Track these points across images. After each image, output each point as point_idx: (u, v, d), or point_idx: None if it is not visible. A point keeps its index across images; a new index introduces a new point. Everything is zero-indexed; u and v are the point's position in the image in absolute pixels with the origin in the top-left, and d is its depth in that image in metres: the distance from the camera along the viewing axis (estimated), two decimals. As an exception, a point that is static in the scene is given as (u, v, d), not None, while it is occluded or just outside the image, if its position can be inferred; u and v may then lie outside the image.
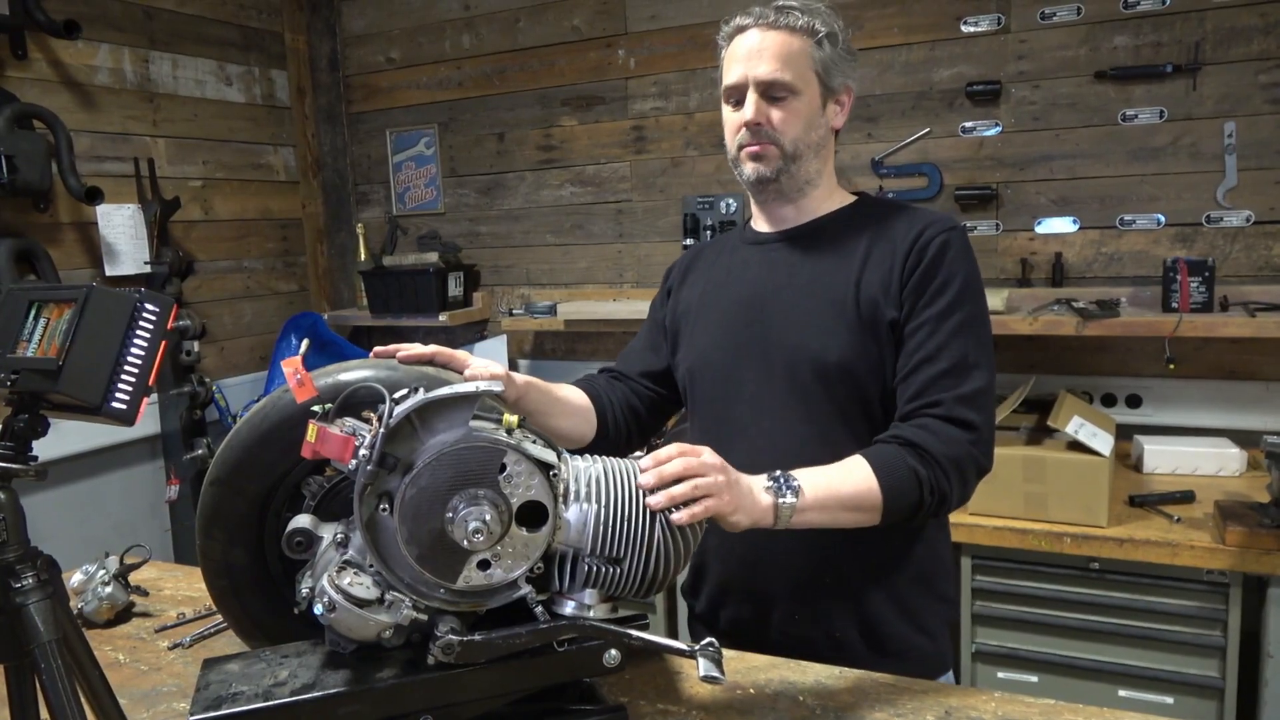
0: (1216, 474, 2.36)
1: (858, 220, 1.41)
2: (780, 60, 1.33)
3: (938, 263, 1.30)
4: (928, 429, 1.24)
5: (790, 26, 1.33)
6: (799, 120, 1.35)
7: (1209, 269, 2.35)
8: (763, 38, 1.34)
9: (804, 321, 1.35)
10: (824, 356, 1.32)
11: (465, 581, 0.99)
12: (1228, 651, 2.02)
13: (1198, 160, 2.51)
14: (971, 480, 1.27)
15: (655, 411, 1.58)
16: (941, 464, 1.22)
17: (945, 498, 1.23)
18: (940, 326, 1.28)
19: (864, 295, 1.32)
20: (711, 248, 1.59)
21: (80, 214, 2.82)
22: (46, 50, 2.75)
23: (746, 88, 1.34)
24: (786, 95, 1.34)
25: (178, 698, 1.27)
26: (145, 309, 0.83)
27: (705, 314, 1.48)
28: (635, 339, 1.63)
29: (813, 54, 1.35)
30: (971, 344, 1.28)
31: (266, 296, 3.56)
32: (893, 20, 2.79)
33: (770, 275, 1.41)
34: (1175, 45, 2.49)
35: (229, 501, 1.11)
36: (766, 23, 1.34)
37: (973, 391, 1.26)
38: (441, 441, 0.99)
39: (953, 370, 1.26)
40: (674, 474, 1.04)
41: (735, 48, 1.37)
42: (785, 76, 1.33)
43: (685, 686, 1.24)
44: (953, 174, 2.77)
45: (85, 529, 2.82)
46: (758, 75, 1.33)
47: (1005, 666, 2.24)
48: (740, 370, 1.40)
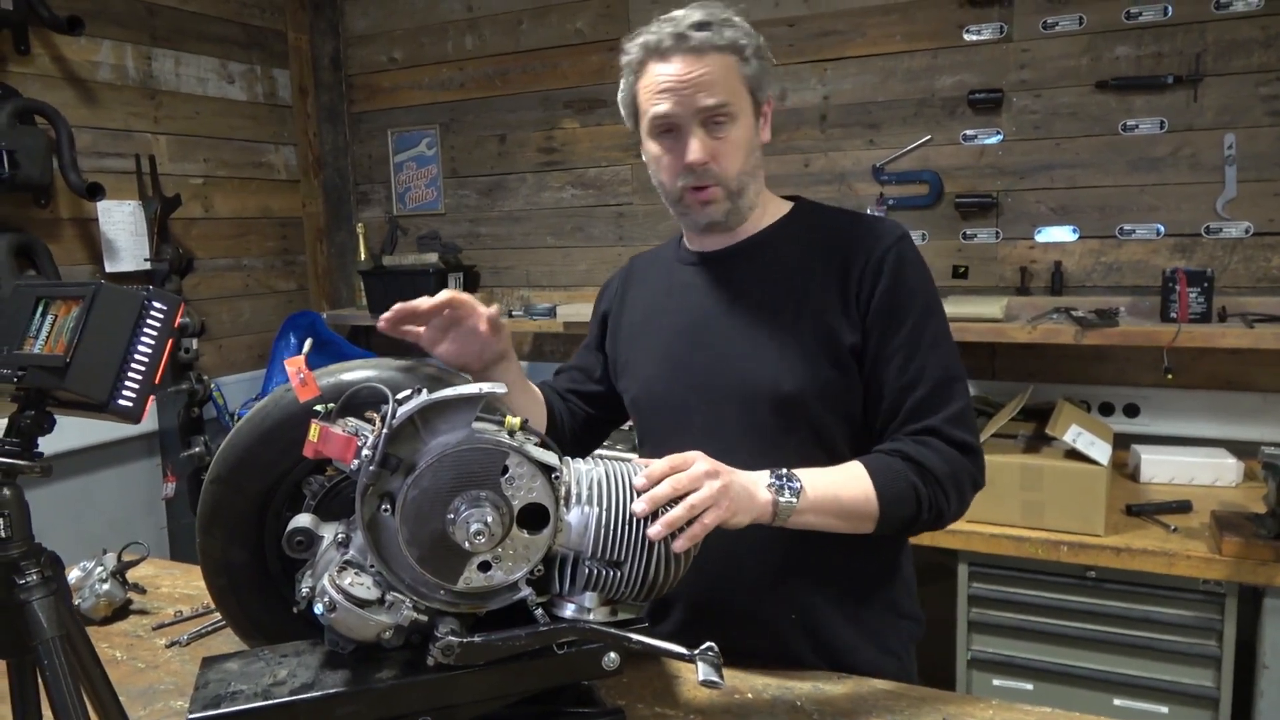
0: (1213, 484, 2.37)
1: (798, 231, 1.34)
2: (717, 85, 1.22)
3: (898, 281, 1.25)
4: (928, 445, 1.23)
5: (715, 45, 1.22)
6: (740, 151, 1.26)
7: (1208, 280, 2.35)
8: (691, 66, 1.22)
9: (753, 350, 1.29)
10: (779, 387, 1.26)
11: (466, 583, 0.99)
12: (1223, 662, 2.03)
13: (1198, 171, 2.52)
14: (969, 497, 1.27)
15: (589, 429, 1.53)
16: (941, 481, 1.21)
17: (941, 514, 1.23)
18: (916, 349, 1.25)
19: (815, 317, 1.27)
20: (646, 264, 1.52)
21: (81, 210, 2.82)
22: (49, 46, 2.75)
23: (683, 120, 1.24)
24: (726, 122, 1.24)
25: (175, 696, 1.27)
26: (153, 307, 0.83)
27: (647, 340, 1.41)
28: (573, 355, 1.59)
29: (740, 70, 1.25)
30: (948, 358, 1.27)
31: (266, 295, 3.56)
32: (895, 28, 2.80)
33: (712, 297, 1.35)
34: (1176, 56, 2.50)
35: (229, 500, 1.11)
36: (691, 46, 1.22)
37: (961, 410, 1.25)
38: (444, 443, 1.00)
39: (937, 391, 1.24)
40: (666, 496, 1.02)
41: (655, 77, 1.24)
42: (726, 99, 1.23)
43: (683, 690, 1.24)
44: (953, 181, 2.78)
45: (81, 525, 2.81)
46: (699, 106, 1.22)
47: (1000, 674, 2.24)
48: (688, 402, 1.33)
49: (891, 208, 2.83)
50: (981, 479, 1.28)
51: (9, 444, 0.83)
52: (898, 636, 1.38)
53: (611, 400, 1.51)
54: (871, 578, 1.36)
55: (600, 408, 1.53)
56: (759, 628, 1.32)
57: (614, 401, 1.51)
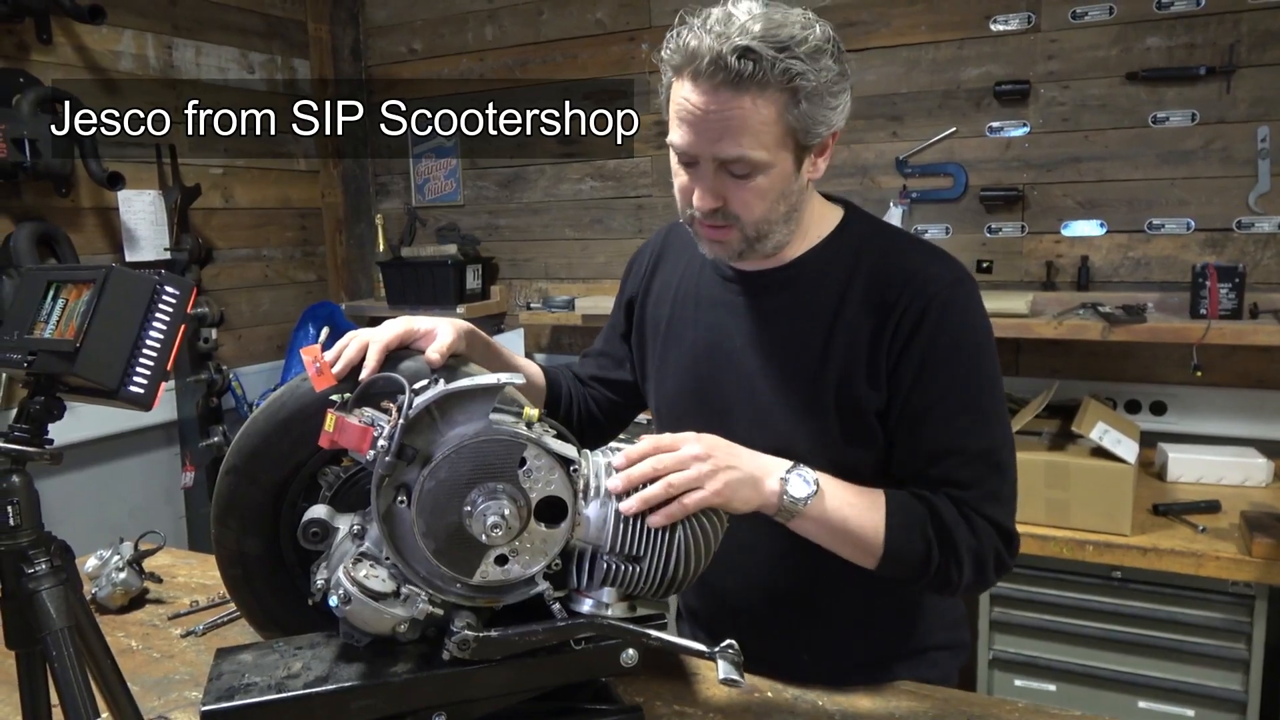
0: (1242, 484, 2.32)
1: (842, 255, 1.19)
2: (743, 134, 1.04)
3: (934, 339, 1.10)
4: (963, 513, 1.10)
5: (758, 82, 1.01)
6: (763, 200, 1.10)
7: (1239, 275, 2.31)
8: (719, 104, 1.03)
9: (767, 405, 1.19)
10: (791, 447, 1.13)
11: (482, 576, 0.97)
12: (1251, 665, 1.99)
13: (1229, 164, 2.46)
14: (991, 577, 1.14)
15: (613, 418, 1.48)
16: (960, 554, 1.09)
17: (948, 583, 1.12)
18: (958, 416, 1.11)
19: (836, 376, 1.14)
20: (680, 247, 1.36)
21: (101, 199, 2.83)
22: (71, 35, 2.75)
23: (696, 158, 1.09)
24: (750, 173, 1.08)
25: (189, 686, 1.26)
26: (165, 291, 0.82)
27: (671, 351, 1.32)
28: (595, 341, 1.52)
29: (785, 116, 1.05)
30: (998, 435, 1.13)
31: (285, 285, 3.56)
32: (920, 18, 2.75)
33: (740, 324, 1.23)
34: (1209, 47, 2.44)
35: (245, 490, 1.09)
36: (725, 80, 1.02)
37: (1008, 493, 1.13)
38: (461, 434, 0.98)
39: (981, 461, 1.12)
40: (643, 475, 0.99)
41: (681, 99, 1.07)
42: (750, 153, 1.05)
43: (702, 688, 1.22)
44: (979, 174, 2.74)
45: (100, 513, 2.82)
46: (715, 154, 1.06)
47: (1023, 674, 2.21)
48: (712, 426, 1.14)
49: (915, 201, 2.79)
50: (1010, 563, 1.14)
51: (18, 430, 0.81)
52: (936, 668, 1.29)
53: (637, 390, 1.47)
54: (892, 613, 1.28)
55: (626, 395, 1.48)
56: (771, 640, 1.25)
57: (639, 391, 1.47)
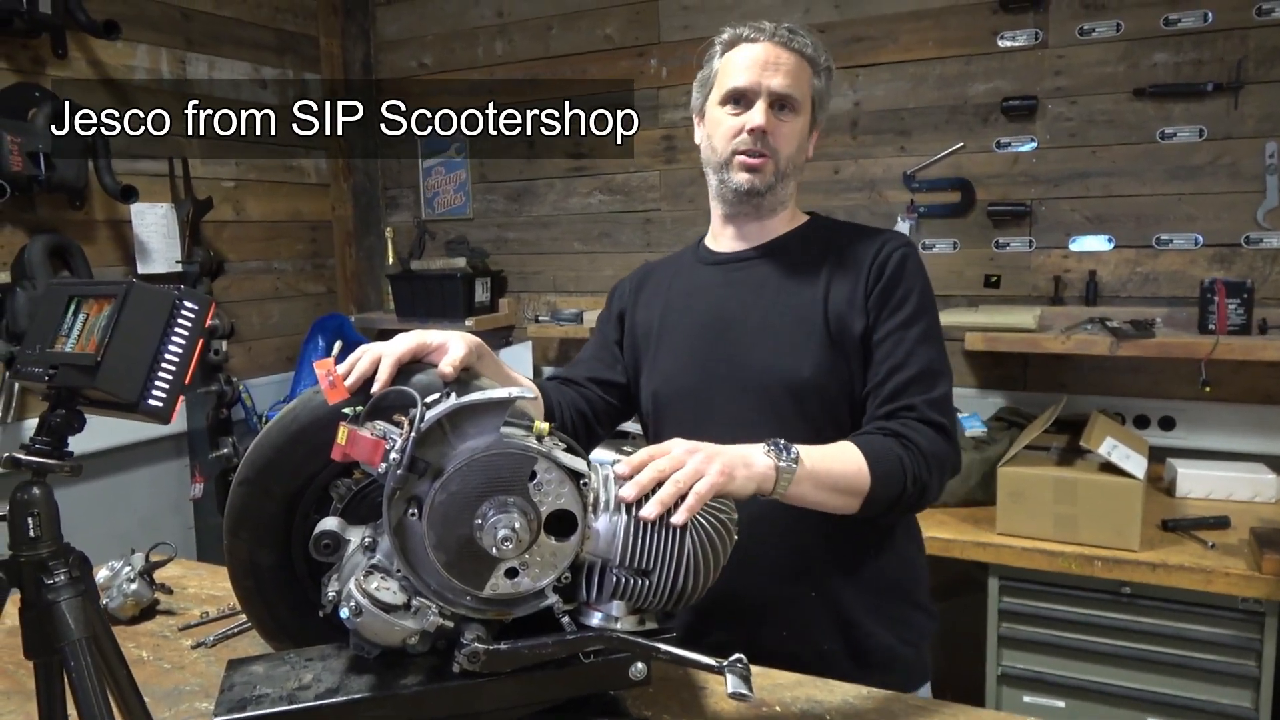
0: (1252, 500, 2.32)
1: (815, 239, 1.44)
2: (792, 77, 1.37)
3: (898, 276, 1.35)
4: (909, 425, 1.27)
5: (800, 50, 1.37)
6: (795, 138, 1.39)
7: (1247, 290, 2.31)
8: (776, 53, 1.36)
9: (774, 340, 1.37)
10: (797, 374, 1.34)
11: (492, 589, 0.98)
12: (1262, 682, 1.98)
13: (1237, 180, 2.47)
14: (946, 477, 1.31)
15: (604, 419, 1.54)
16: (926, 457, 1.25)
17: (925, 490, 1.26)
18: (905, 335, 1.33)
19: (832, 311, 1.36)
20: (662, 268, 1.58)
21: (115, 212, 2.85)
22: (86, 50, 2.79)
23: (755, 94, 1.36)
24: (789, 111, 1.38)
25: (200, 697, 1.27)
26: (184, 306, 0.83)
27: (668, 337, 1.47)
28: (580, 353, 1.62)
29: (813, 81, 1.40)
30: (934, 353, 1.34)
31: (295, 298, 3.58)
32: (928, 34, 2.77)
33: (736, 295, 1.43)
34: (1217, 63, 2.45)
35: (257, 502, 1.10)
36: (780, 40, 1.37)
37: (941, 397, 1.32)
38: (472, 447, 0.99)
39: (921, 377, 1.31)
40: (652, 480, 1.02)
41: (740, 55, 1.38)
42: (795, 93, 1.37)
43: (710, 702, 1.22)
44: (986, 189, 2.74)
45: (109, 524, 2.83)
46: (772, 86, 1.36)
47: (1031, 690, 2.20)
48: (710, 391, 1.40)
49: (922, 215, 2.80)
50: (958, 464, 1.33)
51: (39, 443, 0.82)
52: (915, 627, 1.43)
53: (630, 394, 1.55)
54: (889, 566, 1.41)
55: (619, 397, 1.55)
56: (779, 613, 1.36)
57: (632, 396, 1.55)
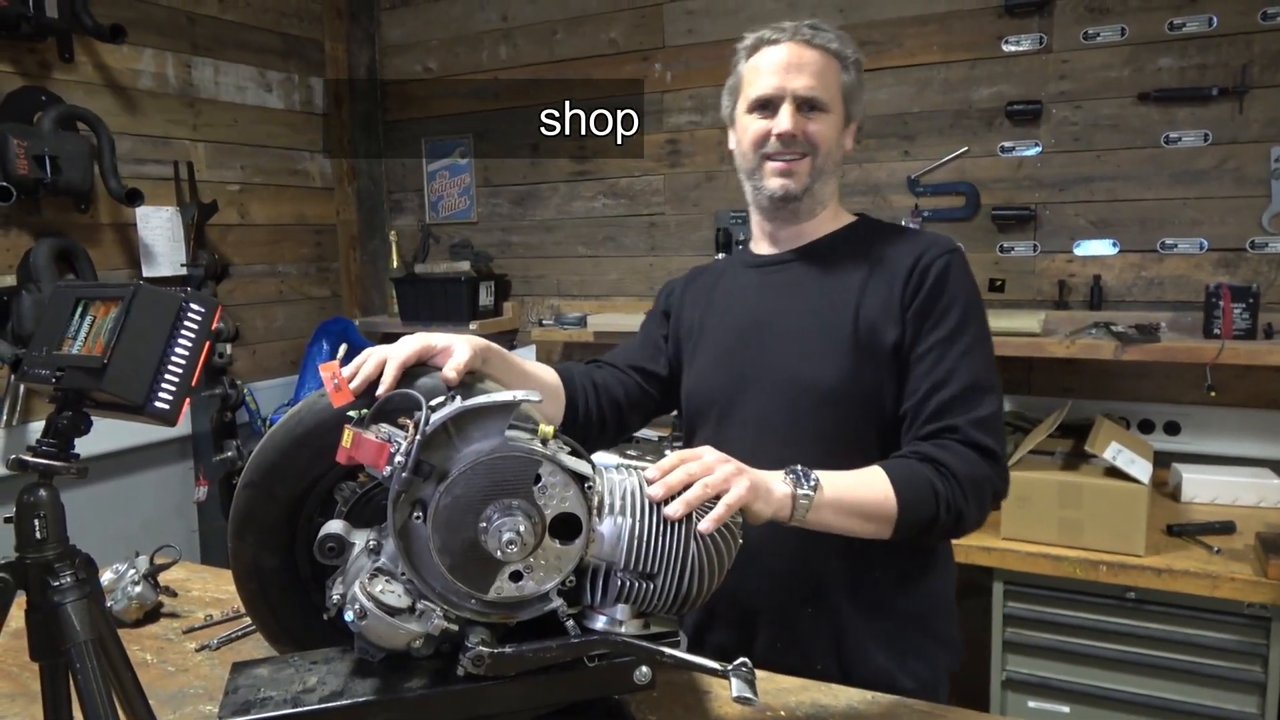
0: (1257, 505, 2.31)
1: (858, 242, 1.41)
2: (817, 77, 1.35)
3: (940, 286, 1.30)
4: (948, 449, 1.22)
5: (824, 47, 1.36)
6: (829, 136, 1.37)
7: (1253, 295, 2.30)
8: (799, 53, 1.35)
9: (803, 346, 1.35)
10: (822, 381, 1.32)
11: (497, 592, 0.98)
12: (1268, 687, 1.97)
13: (1242, 184, 2.46)
14: (988, 504, 1.25)
15: (637, 407, 1.53)
16: (961, 483, 1.20)
17: (962, 517, 1.21)
18: (948, 351, 1.28)
19: (863, 319, 1.32)
20: (710, 271, 1.58)
21: (120, 215, 2.86)
22: (92, 54, 2.79)
23: (780, 99, 1.35)
24: (819, 112, 1.36)
25: (204, 700, 1.27)
26: (191, 309, 0.83)
27: (706, 338, 1.47)
28: (620, 345, 1.61)
29: (841, 77, 1.38)
30: (980, 368, 1.28)
31: (299, 301, 3.58)
32: (933, 38, 2.77)
33: (770, 299, 1.42)
34: (1222, 68, 2.45)
35: (261, 505, 1.10)
36: (803, 39, 1.35)
37: (988, 416, 1.25)
38: (477, 450, 0.98)
39: (965, 395, 1.25)
40: (681, 481, 1.02)
41: (764, 59, 1.37)
42: (821, 94, 1.35)
43: (714, 706, 1.22)
44: (990, 194, 2.74)
45: (114, 527, 2.84)
46: (795, 89, 1.34)
47: (1036, 696, 2.20)
48: (739, 394, 1.39)
49: (927, 220, 2.80)
50: (1004, 488, 1.27)
51: (46, 445, 0.83)
52: (926, 658, 1.36)
53: (669, 388, 1.54)
54: (908, 595, 1.35)
55: (658, 388, 1.54)
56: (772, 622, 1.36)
57: (671, 391, 1.54)
